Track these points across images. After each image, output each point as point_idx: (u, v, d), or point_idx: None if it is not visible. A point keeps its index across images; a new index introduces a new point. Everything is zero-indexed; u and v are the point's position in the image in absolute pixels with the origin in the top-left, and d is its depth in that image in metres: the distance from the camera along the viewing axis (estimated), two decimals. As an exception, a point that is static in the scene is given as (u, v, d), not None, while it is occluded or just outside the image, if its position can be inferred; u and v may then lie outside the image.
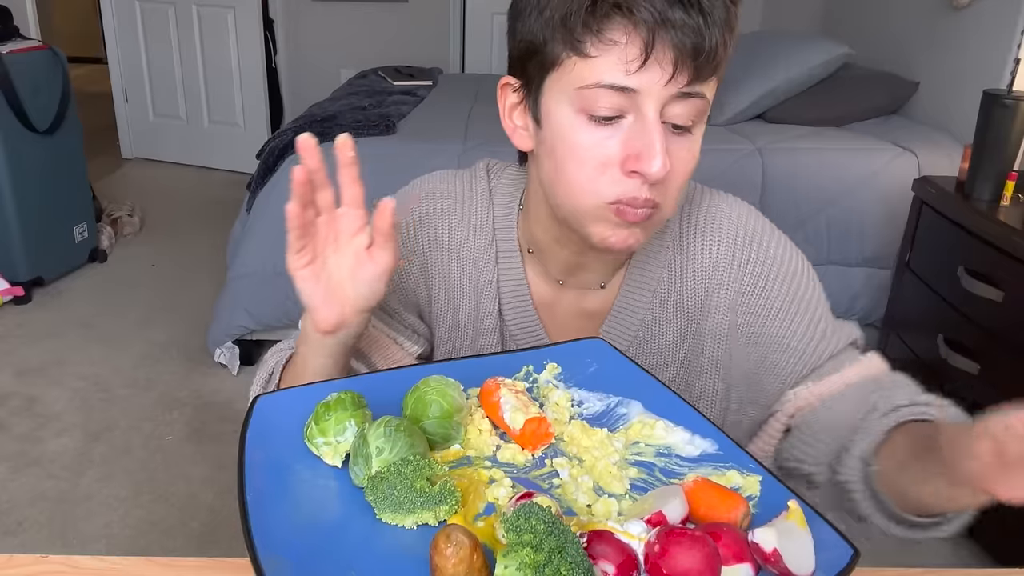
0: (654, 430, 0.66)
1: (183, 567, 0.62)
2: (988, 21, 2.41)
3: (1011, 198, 1.85)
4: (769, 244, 0.83)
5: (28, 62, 2.85)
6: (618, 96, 0.66)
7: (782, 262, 0.83)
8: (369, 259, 0.68)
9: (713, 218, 0.83)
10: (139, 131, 4.77)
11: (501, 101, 0.77)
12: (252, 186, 2.52)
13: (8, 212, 2.85)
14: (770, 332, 0.82)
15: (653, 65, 0.65)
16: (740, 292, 0.82)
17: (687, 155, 0.71)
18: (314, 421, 0.62)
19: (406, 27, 4.57)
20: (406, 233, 0.85)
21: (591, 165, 0.69)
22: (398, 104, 2.85)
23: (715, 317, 0.83)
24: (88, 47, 6.84)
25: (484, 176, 0.87)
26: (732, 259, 0.82)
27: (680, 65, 0.65)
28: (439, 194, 0.86)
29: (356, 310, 0.70)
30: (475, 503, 0.58)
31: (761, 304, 0.82)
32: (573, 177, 0.71)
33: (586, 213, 0.72)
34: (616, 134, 0.68)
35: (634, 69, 0.65)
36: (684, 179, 0.72)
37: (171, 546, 1.84)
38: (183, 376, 2.53)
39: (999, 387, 1.71)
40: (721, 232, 0.83)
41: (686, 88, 0.67)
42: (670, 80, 0.65)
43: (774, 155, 2.44)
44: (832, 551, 0.51)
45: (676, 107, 0.68)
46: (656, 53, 0.64)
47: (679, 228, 0.84)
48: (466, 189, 0.86)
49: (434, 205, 0.85)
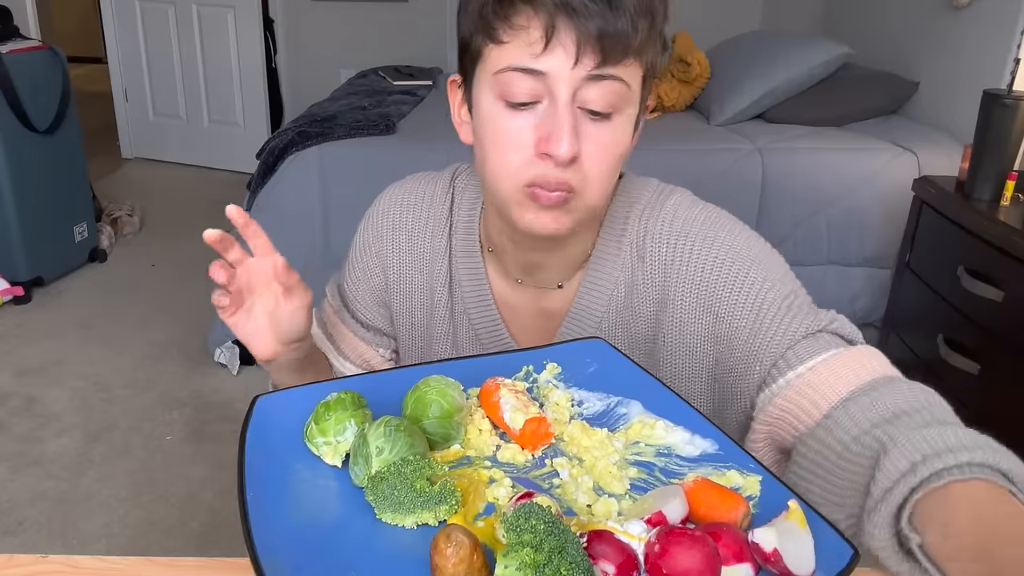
0: (654, 430, 0.66)
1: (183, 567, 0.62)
2: (988, 21, 2.41)
3: (1011, 198, 1.85)
4: (726, 238, 0.80)
5: (28, 62, 2.85)
6: (529, 79, 0.69)
7: (741, 250, 0.79)
8: (285, 300, 0.77)
9: (669, 220, 0.82)
10: (139, 131, 4.77)
11: (451, 99, 0.81)
12: (252, 186, 2.52)
13: (8, 212, 2.85)
14: (742, 323, 0.78)
15: (557, 48, 0.67)
16: (705, 290, 0.79)
17: (607, 140, 0.71)
18: (314, 421, 0.62)
19: (406, 27, 4.56)
20: (370, 236, 0.91)
21: (508, 149, 0.72)
22: (398, 104, 2.85)
23: (677, 319, 0.81)
24: (88, 47, 6.84)
25: (448, 178, 0.91)
26: (690, 259, 0.80)
27: (583, 48, 0.67)
28: (402, 199, 0.90)
29: (284, 342, 0.78)
30: (475, 503, 0.58)
31: (729, 297, 0.78)
32: (494, 161, 0.74)
33: (507, 197, 0.74)
34: (531, 119, 0.71)
35: (538, 51, 0.67)
36: (606, 165, 0.73)
37: (171, 546, 1.84)
38: (183, 376, 2.53)
39: (999, 387, 1.72)
40: (675, 234, 0.81)
41: (596, 71, 0.68)
42: (576, 63, 0.67)
43: (774, 155, 2.44)
44: (832, 551, 0.51)
45: (590, 91, 0.69)
46: (559, 36, 0.67)
47: (639, 231, 0.83)
48: (428, 192, 0.90)
49: (397, 209, 0.90)
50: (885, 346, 2.20)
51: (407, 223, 0.89)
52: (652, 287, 0.82)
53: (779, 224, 2.43)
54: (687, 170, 2.37)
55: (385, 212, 0.91)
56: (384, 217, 0.91)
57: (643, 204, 0.84)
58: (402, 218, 0.90)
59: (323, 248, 2.41)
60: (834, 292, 2.47)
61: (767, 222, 2.41)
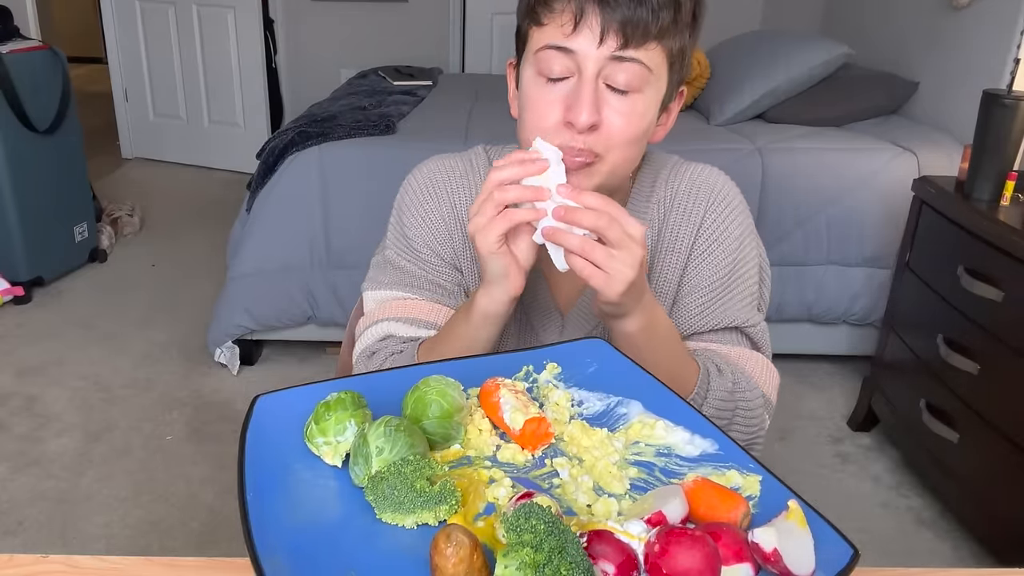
0: (654, 430, 0.66)
1: (183, 567, 0.62)
2: (988, 21, 2.41)
3: (1011, 198, 1.85)
4: (734, 213, 0.94)
5: (28, 62, 2.85)
6: (562, 56, 0.80)
7: (748, 227, 0.96)
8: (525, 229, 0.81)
9: (693, 180, 0.95)
10: (139, 131, 4.77)
11: (508, 80, 0.91)
12: (252, 186, 2.52)
13: (8, 212, 2.85)
14: (696, 277, 0.94)
15: (584, 30, 0.78)
16: (696, 240, 0.94)
17: (629, 113, 0.81)
18: (314, 421, 0.62)
19: (406, 27, 4.57)
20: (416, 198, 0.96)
21: (541, 116, 0.82)
22: (398, 104, 2.85)
23: (674, 264, 0.95)
24: (88, 47, 6.84)
25: (481, 152, 0.99)
26: (699, 210, 0.94)
27: (607, 31, 0.77)
28: (436, 172, 0.97)
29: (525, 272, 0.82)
30: (475, 503, 0.58)
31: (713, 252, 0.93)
32: (528, 127, 0.83)
33: None
34: (563, 92, 0.81)
35: (568, 32, 0.79)
36: (627, 136, 0.82)
37: (171, 546, 1.84)
38: (183, 376, 2.53)
39: (999, 387, 1.72)
40: (698, 191, 0.95)
41: (618, 52, 0.78)
42: (601, 43, 0.78)
43: (774, 155, 2.44)
44: (832, 551, 0.51)
45: (613, 70, 0.79)
46: (587, 20, 0.78)
47: (666, 193, 0.95)
48: (463, 166, 0.98)
49: (436, 179, 0.96)
50: (885, 346, 2.20)
51: (449, 191, 0.96)
52: (680, 239, 0.94)
53: (779, 224, 2.43)
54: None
55: (425, 183, 0.96)
56: (426, 186, 0.96)
57: (668, 168, 0.97)
58: (444, 187, 0.96)
59: (323, 248, 2.41)
60: (834, 292, 2.47)
61: (767, 222, 2.42)
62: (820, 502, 0.55)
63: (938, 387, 1.89)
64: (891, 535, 1.94)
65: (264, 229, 2.41)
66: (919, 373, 2.00)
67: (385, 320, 0.92)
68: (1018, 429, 1.66)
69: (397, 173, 0.97)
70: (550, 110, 0.81)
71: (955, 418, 1.84)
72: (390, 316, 0.92)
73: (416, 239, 0.95)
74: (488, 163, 0.97)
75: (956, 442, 1.82)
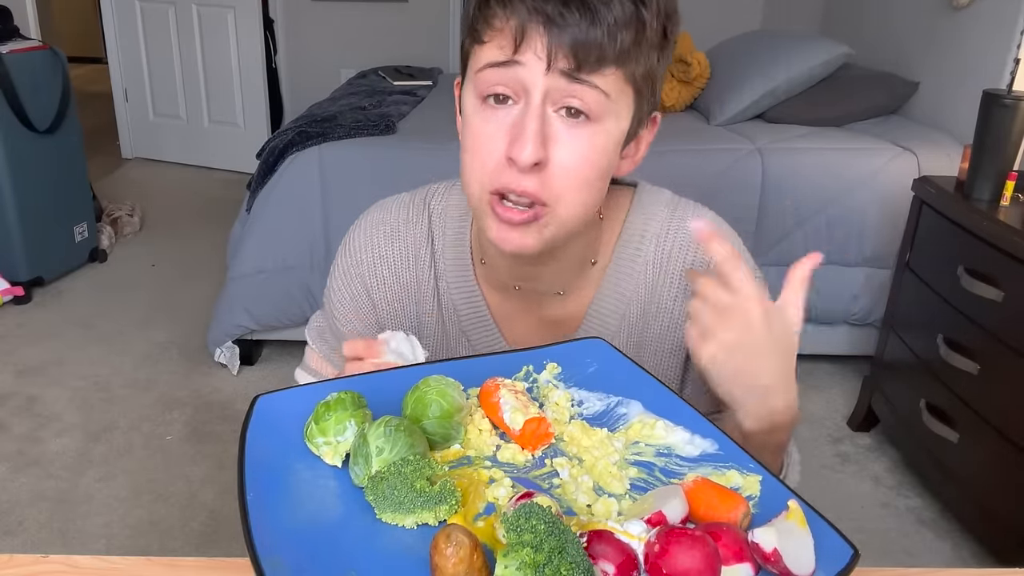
0: (654, 430, 0.66)
1: (183, 567, 0.62)
2: (988, 21, 2.41)
3: (1011, 198, 1.85)
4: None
5: (28, 62, 2.85)
6: (502, 74, 0.68)
7: None
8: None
9: (685, 236, 0.83)
10: (139, 131, 4.77)
11: (456, 104, 0.80)
12: (252, 186, 2.52)
13: (8, 212, 2.85)
14: None
15: (527, 52, 0.67)
16: None
17: (584, 146, 0.69)
18: (314, 421, 0.62)
19: (406, 27, 4.57)
20: (351, 269, 0.88)
21: (481, 150, 0.71)
22: (398, 104, 2.85)
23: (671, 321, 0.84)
24: (88, 47, 6.84)
25: (422, 198, 0.88)
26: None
27: (555, 54, 0.66)
28: (377, 228, 0.87)
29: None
30: (475, 503, 0.58)
31: None
32: (467, 163, 0.73)
33: (477, 204, 0.73)
34: (506, 122, 0.69)
35: (510, 54, 0.67)
36: (580, 178, 0.70)
37: (171, 546, 1.84)
38: (183, 376, 2.53)
39: (999, 387, 1.72)
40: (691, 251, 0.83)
41: (570, 74, 0.67)
42: (548, 68, 0.67)
43: (774, 155, 2.44)
44: (832, 551, 0.51)
45: (564, 93, 0.68)
46: (530, 41, 0.67)
47: (658, 252, 0.83)
48: (407, 216, 0.87)
49: (373, 241, 0.87)
50: (885, 346, 2.20)
51: (387, 253, 0.87)
52: (676, 303, 0.83)
53: (779, 224, 2.43)
54: (687, 170, 2.37)
55: (363, 245, 0.87)
56: (363, 251, 0.87)
57: (659, 221, 0.83)
58: (381, 249, 0.87)
59: (323, 248, 2.41)
60: (834, 292, 2.46)
61: (767, 222, 2.42)
62: (820, 502, 0.55)
63: (938, 387, 1.89)
64: (891, 535, 1.94)
65: (264, 229, 2.41)
66: (919, 373, 2.00)
67: (299, 367, 0.98)
68: (1018, 429, 1.66)
69: (397, 173, 0.97)
70: (492, 144, 0.69)
71: (955, 418, 1.84)
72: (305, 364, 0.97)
73: (337, 312, 0.90)
74: (425, 211, 0.87)
75: (956, 442, 1.82)
